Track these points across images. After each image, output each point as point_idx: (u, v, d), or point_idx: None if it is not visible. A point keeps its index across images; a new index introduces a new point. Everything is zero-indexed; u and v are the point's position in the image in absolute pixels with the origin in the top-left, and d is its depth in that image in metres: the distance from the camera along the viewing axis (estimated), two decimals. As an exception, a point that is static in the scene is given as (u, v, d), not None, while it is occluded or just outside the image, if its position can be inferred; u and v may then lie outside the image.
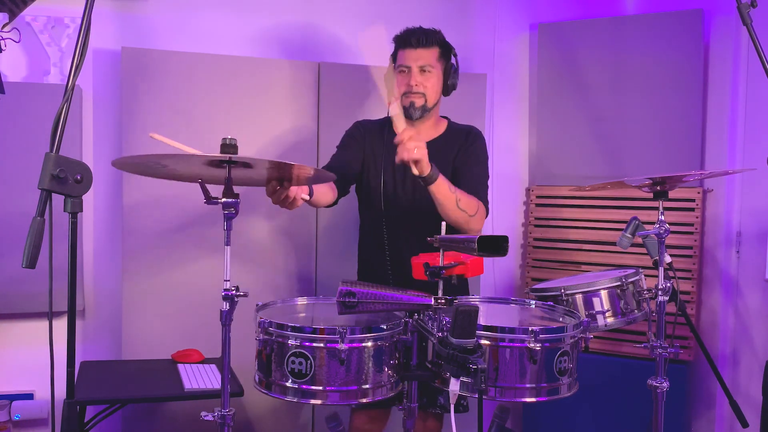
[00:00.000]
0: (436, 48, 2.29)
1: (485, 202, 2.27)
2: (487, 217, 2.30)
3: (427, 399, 2.24)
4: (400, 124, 2.04)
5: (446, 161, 2.31)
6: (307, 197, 1.97)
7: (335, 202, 2.29)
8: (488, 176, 2.37)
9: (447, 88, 2.35)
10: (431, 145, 2.30)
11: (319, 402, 1.66)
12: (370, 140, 2.38)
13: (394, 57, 2.34)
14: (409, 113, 2.26)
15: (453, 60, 2.35)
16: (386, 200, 2.33)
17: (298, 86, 2.90)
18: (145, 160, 1.70)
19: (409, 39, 2.27)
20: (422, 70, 2.26)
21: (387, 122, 2.36)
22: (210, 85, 2.79)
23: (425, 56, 2.26)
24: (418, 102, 2.26)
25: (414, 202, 2.31)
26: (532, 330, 1.66)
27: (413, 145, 1.93)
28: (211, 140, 2.15)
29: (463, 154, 2.32)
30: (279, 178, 1.80)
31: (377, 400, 1.70)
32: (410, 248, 2.18)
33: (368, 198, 2.38)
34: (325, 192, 2.20)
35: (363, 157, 2.38)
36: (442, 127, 2.38)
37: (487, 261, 1.85)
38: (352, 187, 2.40)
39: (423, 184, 2.03)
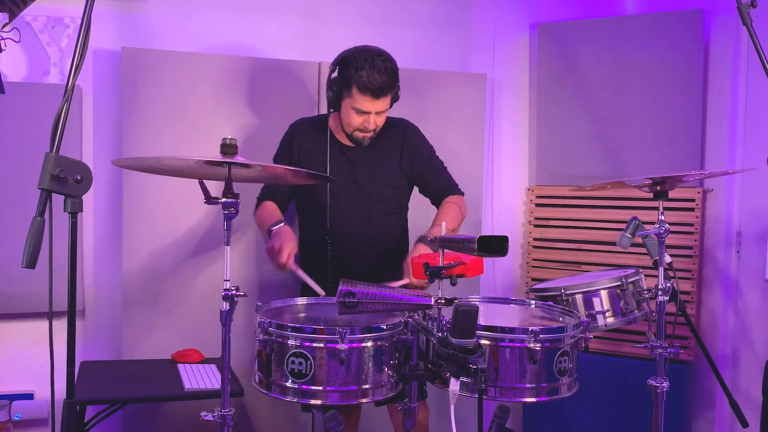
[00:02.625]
0: (393, 90, 2.22)
1: (457, 189, 2.42)
2: (462, 195, 2.43)
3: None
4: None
5: (389, 156, 2.35)
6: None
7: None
8: (441, 160, 2.45)
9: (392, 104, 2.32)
10: (371, 147, 2.34)
11: (319, 402, 1.66)
12: (307, 141, 2.36)
13: (344, 83, 2.18)
14: (360, 144, 2.29)
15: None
16: (332, 212, 2.31)
17: (298, 86, 2.90)
18: (145, 161, 1.70)
19: (373, 89, 2.13)
20: (379, 113, 2.22)
21: (324, 122, 2.36)
22: (210, 85, 2.79)
23: (384, 103, 2.21)
24: (369, 137, 2.28)
25: (360, 207, 2.33)
26: (532, 330, 1.66)
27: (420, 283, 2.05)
28: (211, 140, 2.15)
29: (416, 160, 2.37)
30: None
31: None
32: (355, 252, 2.27)
33: (310, 199, 2.37)
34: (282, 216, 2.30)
35: (297, 160, 2.36)
36: None
37: (487, 261, 1.85)
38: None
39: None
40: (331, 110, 2.29)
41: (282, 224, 2.17)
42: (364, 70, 2.12)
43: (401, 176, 2.38)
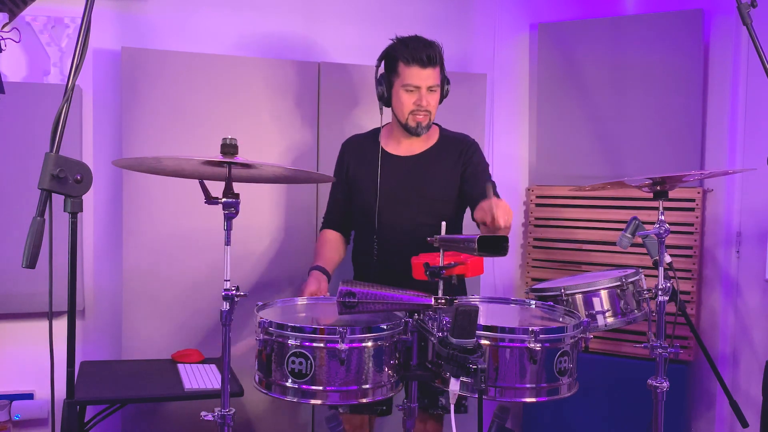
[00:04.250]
0: (439, 65, 2.25)
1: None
2: None
3: (428, 400, 2.24)
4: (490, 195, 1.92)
5: (443, 169, 2.32)
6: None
7: (349, 242, 2.47)
8: (494, 182, 2.38)
9: (443, 98, 2.35)
10: (427, 154, 2.34)
11: (319, 402, 1.66)
12: (357, 157, 2.39)
13: (392, 69, 2.25)
14: (416, 131, 2.27)
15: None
16: (379, 218, 2.32)
17: (298, 86, 2.90)
18: (145, 161, 1.71)
19: (419, 56, 2.17)
20: (430, 89, 2.22)
21: (376, 135, 2.37)
22: (210, 85, 2.79)
23: (434, 76, 2.22)
24: (425, 121, 2.26)
25: (408, 219, 2.31)
26: (532, 330, 1.66)
27: (507, 222, 1.85)
28: (211, 140, 2.15)
29: (470, 168, 2.32)
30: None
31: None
32: (403, 262, 2.22)
33: (361, 214, 2.39)
34: (339, 250, 2.41)
35: (347, 178, 2.40)
36: (435, 134, 2.38)
37: (487, 261, 1.85)
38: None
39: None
40: (382, 114, 2.32)
41: (314, 269, 2.26)
42: (408, 43, 2.20)
43: (451, 188, 2.32)
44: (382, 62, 2.29)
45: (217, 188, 1.67)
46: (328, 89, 2.93)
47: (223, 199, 1.63)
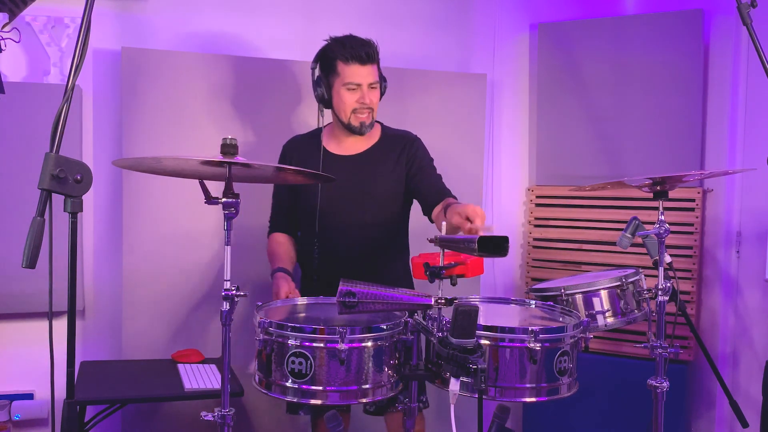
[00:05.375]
0: (377, 63, 2.24)
1: (452, 195, 2.28)
2: None
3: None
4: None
5: (388, 167, 2.31)
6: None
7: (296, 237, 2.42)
8: (440, 174, 2.37)
9: (381, 96, 2.32)
10: (370, 152, 2.33)
11: (319, 402, 1.66)
12: (300, 157, 2.36)
13: (330, 69, 2.23)
14: (360, 130, 2.25)
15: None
16: (321, 219, 2.30)
17: (298, 86, 2.90)
18: (145, 161, 1.70)
19: (358, 54, 2.17)
20: (371, 86, 2.22)
21: (317, 135, 2.36)
22: (210, 85, 2.79)
23: (374, 73, 2.22)
24: (368, 119, 2.25)
25: (354, 219, 2.29)
26: (532, 330, 1.66)
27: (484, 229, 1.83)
28: (211, 140, 2.15)
29: (416, 163, 2.31)
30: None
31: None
32: (348, 260, 2.25)
33: (304, 215, 2.36)
34: (292, 252, 2.36)
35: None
36: (377, 131, 2.36)
37: (487, 261, 1.84)
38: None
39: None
40: (322, 115, 2.31)
41: (278, 272, 2.21)
42: (344, 42, 2.20)
43: (397, 185, 2.32)
44: (318, 64, 2.27)
45: (217, 188, 1.67)
46: (328, 89, 2.93)
47: (223, 199, 1.63)
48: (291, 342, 1.65)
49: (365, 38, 2.22)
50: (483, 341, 1.66)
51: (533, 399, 1.69)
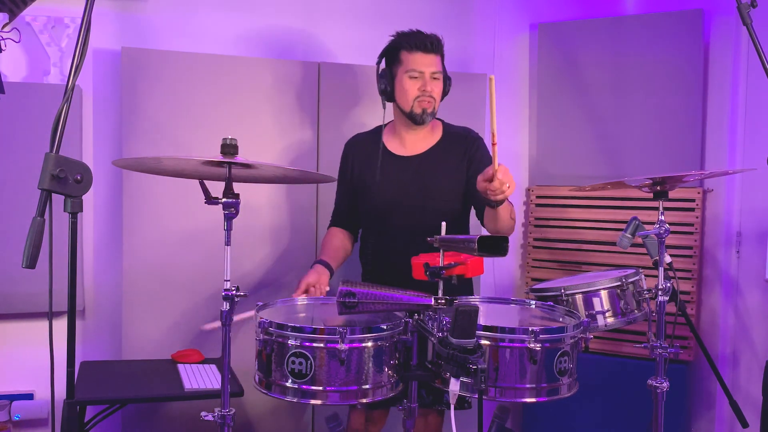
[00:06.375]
0: (441, 56, 2.28)
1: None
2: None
3: (433, 397, 2.24)
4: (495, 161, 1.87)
5: (449, 165, 2.31)
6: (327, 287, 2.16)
7: (357, 239, 2.47)
8: None
9: (444, 95, 2.35)
10: (432, 152, 2.33)
11: (319, 402, 1.66)
12: (360, 157, 2.39)
13: (394, 59, 2.29)
14: (421, 119, 2.26)
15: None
16: (379, 220, 2.34)
17: (298, 86, 2.90)
18: (145, 161, 1.70)
19: (422, 42, 2.22)
20: (433, 76, 2.24)
21: (378, 133, 2.37)
22: (210, 85, 2.79)
23: (436, 62, 2.25)
24: (430, 107, 2.26)
25: (415, 220, 2.29)
26: (532, 330, 1.66)
27: (508, 186, 1.85)
28: (211, 140, 2.15)
29: (474, 165, 2.29)
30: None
31: (376, 401, 1.70)
32: (407, 262, 2.23)
33: (366, 214, 2.40)
34: (345, 247, 2.40)
35: (352, 178, 2.41)
36: (438, 130, 2.38)
37: (487, 261, 1.85)
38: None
39: (492, 206, 1.96)
40: (384, 107, 2.34)
41: (316, 263, 2.27)
42: (409, 33, 2.25)
43: (458, 186, 2.30)
44: (383, 58, 2.32)
45: (217, 188, 1.67)
46: (328, 89, 2.93)
47: (223, 199, 1.63)
48: (291, 342, 1.65)
49: (431, 33, 2.26)
50: (483, 341, 1.66)
51: (533, 399, 1.69)
